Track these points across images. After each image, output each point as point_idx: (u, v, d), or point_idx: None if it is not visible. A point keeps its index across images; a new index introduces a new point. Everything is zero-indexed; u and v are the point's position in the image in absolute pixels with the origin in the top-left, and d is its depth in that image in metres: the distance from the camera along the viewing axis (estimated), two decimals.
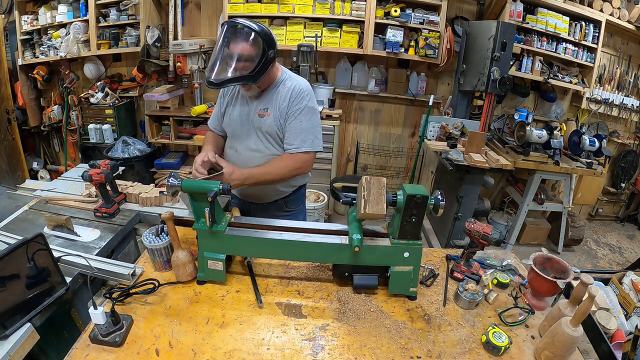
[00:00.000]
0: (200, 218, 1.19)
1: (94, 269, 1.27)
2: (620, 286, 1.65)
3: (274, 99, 1.56)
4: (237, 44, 1.39)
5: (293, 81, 1.58)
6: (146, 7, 3.26)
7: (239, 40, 1.39)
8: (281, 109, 1.54)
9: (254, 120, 1.58)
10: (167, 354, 1.00)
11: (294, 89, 1.55)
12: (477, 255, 1.43)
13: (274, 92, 1.57)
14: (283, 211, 1.77)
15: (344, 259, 1.20)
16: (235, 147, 1.66)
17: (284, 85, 1.57)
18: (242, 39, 1.39)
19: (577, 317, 0.95)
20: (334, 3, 3.22)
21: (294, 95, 1.54)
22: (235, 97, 1.64)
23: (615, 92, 3.79)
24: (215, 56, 1.42)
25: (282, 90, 1.56)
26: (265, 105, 1.56)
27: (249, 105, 1.60)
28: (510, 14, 3.21)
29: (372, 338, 1.09)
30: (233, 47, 1.40)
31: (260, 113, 1.56)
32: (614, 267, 3.57)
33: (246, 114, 1.60)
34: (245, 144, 1.62)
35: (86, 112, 3.58)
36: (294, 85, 1.56)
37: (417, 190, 1.11)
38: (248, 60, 1.40)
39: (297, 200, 1.82)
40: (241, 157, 1.63)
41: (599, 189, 4.28)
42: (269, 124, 1.55)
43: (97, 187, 1.63)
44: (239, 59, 1.40)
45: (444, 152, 2.92)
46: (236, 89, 1.64)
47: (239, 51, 1.39)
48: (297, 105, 1.54)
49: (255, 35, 1.38)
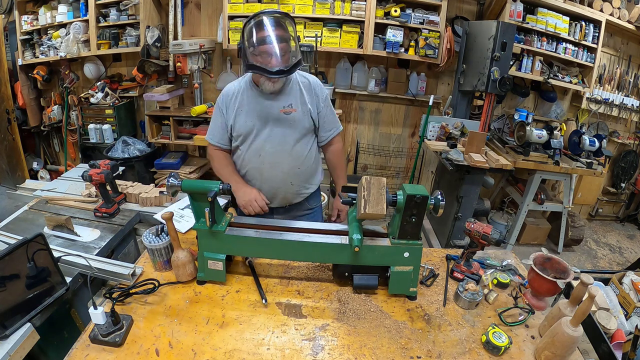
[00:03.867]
0: (200, 218, 1.19)
1: (94, 269, 1.27)
2: (620, 286, 1.65)
3: (293, 94, 1.57)
4: (284, 30, 1.42)
5: (300, 75, 1.63)
6: (146, 7, 3.25)
7: (282, 27, 1.42)
8: (309, 101, 1.58)
9: (279, 120, 1.55)
10: (167, 354, 1.00)
11: (311, 80, 1.63)
12: (477, 255, 1.43)
13: (289, 87, 1.58)
14: (305, 210, 1.76)
15: (344, 259, 1.20)
16: (258, 152, 1.59)
17: (296, 79, 1.60)
18: (284, 26, 1.42)
19: (577, 317, 0.95)
20: (334, 3, 3.22)
21: (315, 86, 1.63)
22: (242, 102, 1.58)
23: (615, 92, 3.79)
24: (268, 48, 1.39)
25: (297, 84, 1.59)
26: (286, 101, 1.56)
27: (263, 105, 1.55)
28: (510, 14, 3.21)
29: (372, 338, 1.09)
30: (282, 34, 1.41)
31: (285, 110, 1.55)
32: (614, 267, 3.56)
33: (265, 115, 1.55)
34: (270, 144, 1.57)
35: (86, 112, 3.58)
36: (308, 78, 1.64)
37: (417, 190, 1.11)
38: (293, 44, 1.45)
39: (317, 197, 1.83)
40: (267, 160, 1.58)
41: (599, 189, 4.28)
42: (299, 119, 1.57)
43: (97, 187, 1.63)
44: (288, 45, 1.43)
45: (444, 152, 2.92)
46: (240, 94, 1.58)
47: (287, 37, 1.42)
48: (322, 94, 1.63)
49: (291, 20, 1.45)
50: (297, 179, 1.64)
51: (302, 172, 1.65)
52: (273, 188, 1.64)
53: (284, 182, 1.63)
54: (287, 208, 1.72)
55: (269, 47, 1.39)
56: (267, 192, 1.63)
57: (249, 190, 1.59)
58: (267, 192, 1.63)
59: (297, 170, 1.63)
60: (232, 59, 3.65)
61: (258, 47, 1.40)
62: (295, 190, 1.67)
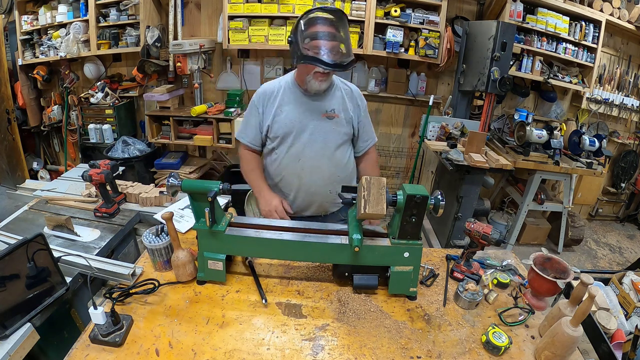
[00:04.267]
0: (200, 218, 1.19)
1: (94, 269, 1.27)
2: (620, 286, 1.65)
3: (335, 100, 1.54)
4: (343, 27, 1.40)
5: (342, 82, 1.61)
6: (146, 7, 3.25)
7: (342, 24, 1.40)
8: (351, 109, 1.56)
9: (321, 124, 1.51)
10: (167, 354, 1.00)
11: (353, 89, 1.61)
12: (477, 255, 1.43)
13: (332, 92, 1.54)
14: (338, 220, 1.68)
15: (344, 259, 1.20)
16: (297, 156, 1.54)
17: (338, 85, 1.57)
18: (344, 23, 1.41)
19: (577, 317, 0.95)
20: (334, 3, 3.22)
21: (357, 95, 1.61)
22: (282, 102, 1.52)
23: (615, 92, 3.79)
24: (325, 41, 1.37)
25: (340, 90, 1.56)
26: (329, 106, 1.52)
27: (306, 107, 1.50)
28: (510, 14, 3.21)
29: (372, 338, 1.09)
30: (341, 30, 1.39)
31: (328, 115, 1.51)
32: (614, 267, 3.56)
33: (307, 118, 1.51)
34: (311, 148, 1.52)
35: (86, 112, 3.58)
36: (350, 86, 1.62)
37: (417, 190, 1.11)
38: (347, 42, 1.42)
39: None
40: (306, 164, 1.54)
41: (599, 189, 4.28)
42: (341, 124, 1.53)
43: (97, 187, 1.63)
44: (346, 42, 1.41)
45: (444, 152, 2.92)
46: (281, 94, 1.53)
47: (346, 34, 1.41)
48: (362, 104, 1.61)
49: (347, 20, 1.43)
50: (336, 186, 1.57)
51: (342, 179, 1.59)
52: (311, 195, 1.58)
53: (323, 189, 1.58)
54: (322, 218, 1.66)
55: (326, 41, 1.36)
56: (304, 199, 1.58)
57: (271, 199, 1.54)
58: (304, 199, 1.58)
59: (336, 178, 1.58)
60: (232, 59, 3.65)
61: (314, 41, 1.36)
62: (332, 199, 1.62)
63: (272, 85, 1.57)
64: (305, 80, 1.47)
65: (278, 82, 1.58)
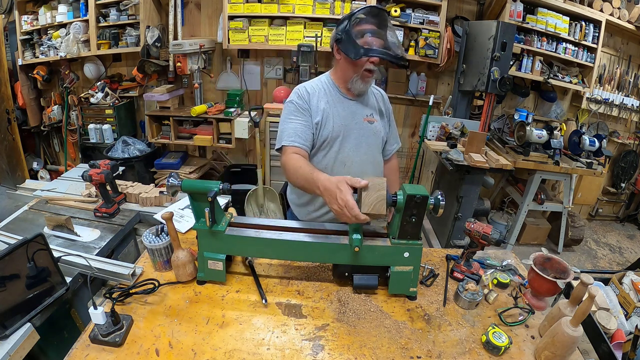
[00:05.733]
0: (200, 218, 1.19)
1: (94, 269, 1.27)
2: (620, 286, 1.65)
3: (371, 104, 1.50)
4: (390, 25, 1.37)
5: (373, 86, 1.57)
6: (146, 7, 3.26)
7: (388, 21, 1.36)
8: (383, 112, 1.53)
9: (364, 128, 1.45)
10: (167, 354, 1.00)
11: (383, 93, 1.58)
12: (477, 255, 1.43)
13: (368, 96, 1.51)
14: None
15: (344, 259, 1.20)
16: (344, 162, 1.45)
17: (371, 90, 1.54)
18: (388, 21, 1.37)
19: (577, 317, 0.95)
20: (334, 3, 3.22)
21: (387, 99, 1.57)
22: (328, 103, 1.42)
23: (615, 92, 3.79)
24: (388, 36, 1.34)
25: (372, 95, 1.53)
26: (368, 110, 1.48)
27: (349, 111, 1.44)
28: (510, 14, 3.21)
29: (372, 338, 1.09)
30: (390, 27, 1.36)
31: (369, 119, 1.46)
32: (614, 267, 3.56)
33: (350, 122, 1.44)
34: (358, 154, 1.46)
35: (86, 112, 3.58)
36: (380, 90, 1.59)
37: (417, 190, 1.11)
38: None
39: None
40: (353, 171, 1.43)
41: (599, 189, 4.28)
42: (379, 129, 1.50)
43: (97, 187, 1.63)
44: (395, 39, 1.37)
45: (444, 152, 2.92)
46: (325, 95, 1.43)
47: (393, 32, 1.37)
48: (390, 108, 1.58)
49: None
50: None
51: None
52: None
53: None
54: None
55: (387, 35, 1.32)
56: None
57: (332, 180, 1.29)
58: None
59: None
60: (232, 59, 3.65)
61: (374, 38, 1.31)
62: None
63: (312, 85, 1.46)
64: (350, 80, 1.39)
65: (315, 83, 1.48)
